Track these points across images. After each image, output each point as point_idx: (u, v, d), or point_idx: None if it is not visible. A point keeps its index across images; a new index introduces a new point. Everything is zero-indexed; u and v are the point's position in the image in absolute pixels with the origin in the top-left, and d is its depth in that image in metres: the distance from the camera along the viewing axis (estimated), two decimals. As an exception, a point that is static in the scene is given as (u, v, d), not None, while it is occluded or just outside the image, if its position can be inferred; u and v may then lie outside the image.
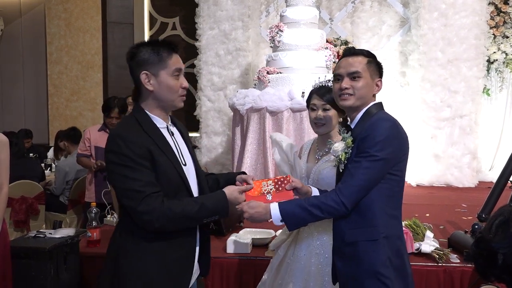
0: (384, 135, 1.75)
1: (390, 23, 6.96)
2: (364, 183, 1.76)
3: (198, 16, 6.99)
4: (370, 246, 1.78)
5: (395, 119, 1.83)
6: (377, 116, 1.83)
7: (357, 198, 1.77)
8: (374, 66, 1.91)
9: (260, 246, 3.33)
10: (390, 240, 1.78)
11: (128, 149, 1.67)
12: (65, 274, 2.87)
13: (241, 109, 4.92)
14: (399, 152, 1.80)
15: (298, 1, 5.23)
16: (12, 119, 8.80)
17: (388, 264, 1.77)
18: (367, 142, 1.76)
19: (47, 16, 8.53)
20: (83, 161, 4.26)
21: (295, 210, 1.81)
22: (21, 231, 4.49)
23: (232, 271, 3.07)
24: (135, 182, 1.66)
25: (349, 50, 1.96)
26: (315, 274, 2.20)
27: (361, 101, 1.86)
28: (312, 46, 5.08)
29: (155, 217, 1.65)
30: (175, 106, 1.82)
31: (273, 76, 4.93)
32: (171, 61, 1.77)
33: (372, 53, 1.95)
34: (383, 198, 1.79)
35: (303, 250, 2.26)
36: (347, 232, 1.83)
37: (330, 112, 2.30)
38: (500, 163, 6.09)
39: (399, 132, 1.80)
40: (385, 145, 1.74)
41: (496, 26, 6.66)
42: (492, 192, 3.59)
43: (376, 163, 1.74)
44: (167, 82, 1.76)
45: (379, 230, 1.77)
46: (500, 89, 6.88)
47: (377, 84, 1.92)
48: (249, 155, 4.76)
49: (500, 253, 1.18)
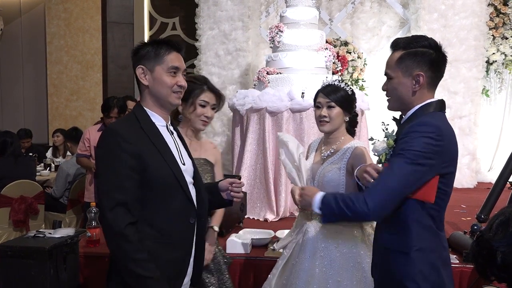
0: (422, 140, 1.62)
1: (390, 24, 6.97)
2: (393, 185, 1.63)
3: (198, 16, 6.99)
4: (401, 258, 1.69)
5: (439, 125, 1.67)
6: (422, 119, 1.69)
7: (385, 202, 1.64)
8: (408, 62, 1.73)
9: (260, 246, 3.34)
10: (423, 253, 1.68)
11: (115, 144, 1.65)
12: (65, 274, 2.87)
13: (241, 109, 4.92)
14: (439, 160, 1.65)
15: (298, 2, 5.23)
16: (11, 118, 8.79)
17: (417, 279, 1.67)
18: (402, 145, 1.65)
19: (47, 15, 8.53)
20: (83, 161, 4.27)
21: (332, 202, 1.71)
22: (20, 231, 4.49)
23: (231, 271, 3.07)
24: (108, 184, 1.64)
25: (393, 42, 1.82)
26: (318, 277, 2.19)
27: (398, 103, 1.77)
28: (312, 47, 5.08)
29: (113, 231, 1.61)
30: (170, 102, 1.78)
31: (273, 77, 4.93)
32: (168, 57, 1.75)
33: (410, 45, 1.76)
34: (419, 208, 1.67)
35: (308, 252, 2.25)
36: (381, 236, 1.79)
37: (334, 110, 2.30)
38: (499, 164, 6.10)
39: (441, 140, 1.64)
40: (419, 150, 1.62)
41: (496, 28, 6.67)
42: (491, 193, 3.60)
43: (408, 167, 1.62)
44: (161, 77, 1.74)
45: (412, 242, 1.68)
46: (499, 90, 6.90)
47: (416, 79, 1.73)
48: (249, 156, 4.76)
49: (499, 252, 1.19)
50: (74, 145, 5.06)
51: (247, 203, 4.27)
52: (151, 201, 1.69)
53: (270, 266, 3.06)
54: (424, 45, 1.75)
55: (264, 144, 4.66)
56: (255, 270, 3.08)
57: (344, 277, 2.15)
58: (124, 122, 1.80)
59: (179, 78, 1.78)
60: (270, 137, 4.66)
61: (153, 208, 1.69)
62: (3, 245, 2.90)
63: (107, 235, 1.66)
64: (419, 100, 1.74)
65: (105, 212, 1.63)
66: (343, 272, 2.16)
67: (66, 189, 4.95)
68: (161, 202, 1.70)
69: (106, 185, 1.65)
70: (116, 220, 1.61)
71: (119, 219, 1.61)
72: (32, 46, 8.77)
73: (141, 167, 1.66)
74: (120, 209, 1.62)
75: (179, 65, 1.78)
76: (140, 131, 1.71)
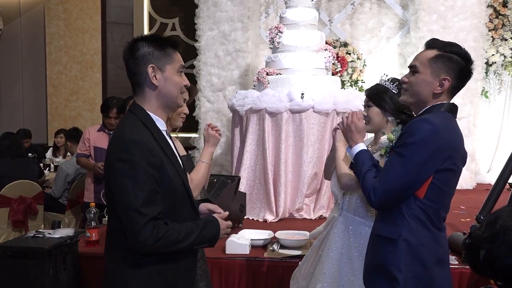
0: (420, 137, 1.65)
1: (389, 25, 6.97)
2: (394, 184, 1.68)
3: (198, 17, 6.98)
4: (387, 245, 1.75)
5: (439, 124, 1.68)
6: (426, 116, 1.73)
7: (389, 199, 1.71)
8: (440, 63, 1.74)
9: (259, 247, 3.34)
10: (410, 246, 1.71)
11: (142, 157, 1.53)
12: (64, 274, 2.87)
13: (240, 110, 4.92)
14: (436, 159, 1.67)
15: (297, 3, 5.23)
16: (10, 118, 8.78)
17: (402, 269, 1.71)
18: (402, 140, 1.70)
19: (47, 16, 8.52)
20: (83, 162, 4.26)
21: (361, 162, 1.82)
22: (19, 231, 4.49)
23: (231, 272, 3.08)
24: (138, 200, 1.53)
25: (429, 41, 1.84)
26: (334, 272, 2.22)
27: (415, 98, 1.78)
28: (311, 48, 5.08)
29: (155, 246, 1.54)
30: (178, 104, 1.73)
31: (272, 77, 4.93)
32: (176, 56, 1.70)
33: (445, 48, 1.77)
34: (411, 201, 1.71)
35: (329, 246, 2.28)
36: (375, 224, 1.87)
37: (372, 109, 2.22)
38: (499, 165, 6.11)
39: (438, 139, 1.66)
40: (418, 148, 1.65)
41: (495, 29, 6.68)
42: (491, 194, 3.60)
43: (406, 165, 1.67)
44: (173, 77, 1.67)
45: (400, 230, 1.72)
46: (498, 92, 6.90)
47: (441, 82, 1.74)
48: (248, 156, 4.76)
49: (482, 250, 1.24)
50: (74, 145, 5.06)
51: (246, 204, 4.27)
52: (165, 213, 1.61)
53: (270, 266, 3.08)
54: (459, 53, 1.76)
55: (263, 145, 4.66)
56: (254, 271, 3.08)
57: (358, 278, 2.13)
58: (136, 129, 1.61)
59: (184, 77, 1.74)
60: (270, 137, 4.65)
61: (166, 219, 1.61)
62: (3, 245, 2.91)
63: (159, 252, 1.58)
64: (435, 102, 1.76)
65: (135, 236, 1.53)
66: (358, 273, 2.14)
67: (65, 189, 4.95)
68: (172, 215, 1.64)
69: (135, 201, 1.53)
70: (153, 235, 1.53)
71: (154, 233, 1.53)
72: (32, 47, 8.76)
73: (161, 179, 1.60)
74: (153, 223, 1.54)
75: (183, 64, 1.75)
76: (152, 140, 1.61)
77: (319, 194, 4.66)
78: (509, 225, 1.22)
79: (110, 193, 1.63)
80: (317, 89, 4.68)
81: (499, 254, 1.20)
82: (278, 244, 3.33)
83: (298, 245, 3.27)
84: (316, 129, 4.60)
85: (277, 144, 4.62)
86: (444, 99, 1.77)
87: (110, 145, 1.66)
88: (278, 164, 4.58)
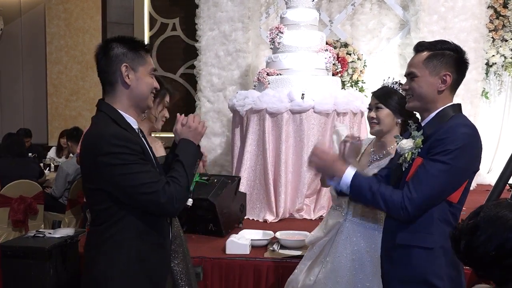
0: (462, 143, 1.62)
1: (390, 26, 6.97)
2: (434, 192, 1.63)
3: (198, 17, 6.98)
4: (424, 254, 1.67)
5: (474, 126, 1.69)
6: (455, 120, 1.69)
7: (425, 209, 1.65)
8: (435, 62, 1.74)
9: (259, 247, 3.34)
10: (446, 251, 1.65)
11: (125, 148, 1.60)
12: (64, 274, 2.87)
13: (241, 110, 4.93)
14: (475, 162, 1.68)
15: (298, 3, 5.24)
16: (11, 118, 8.78)
17: (442, 276, 1.67)
18: (441, 147, 1.63)
19: (47, 16, 8.53)
20: (83, 161, 4.26)
21: (364, 186, 1.69)
22: (20, 231, 4.50)
23: (231, 272, 3.08)
24: (148, 174, 1.62)
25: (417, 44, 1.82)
26: (348, 279, 2.17)
27: (421, 102, 1.74)
28: (312, 48, 5.08)
29: (176, 204, 1.65)
30: (148, 104, 1.79)
31: (273, 78, 4.93)
32: (148, 59, 1.77)
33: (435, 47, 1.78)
34: (446, 207, 1.69)
35: (339, 253, 2.22)
36: (399, 234, 1.72)
37: (382, 111, 2.19)
38: (499, 166, 6.11)
39: (477, 142, 1.67)
40: (461, 154, 1.62)
41: (495, 30, 6.68)
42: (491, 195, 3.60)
43: (449, 172, 1.62)
44: (145, 78, 1.73)
45: (436, 238, 1.67)
46: (498, 92, 6.90)
47: (443, 78, 1.73)
48: (249, 156, 4.76)
49: (463, 239, 1.29)
50: (75, 145, 5.07)
51: (246, 204, 4.27)
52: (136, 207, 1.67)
53: (270, 266, 3.08)
54: (450, 48, 1.78)
55: (264, 145, 4.67)
56: (254, 271, 3.08)
57: (374, 283, 2.10)
58: (110, 126, 1.66)
59: (155, 80, 1.80)
60: (270, 138, 4.66)
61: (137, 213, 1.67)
62: (3, 245, 2.91)
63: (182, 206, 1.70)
64: (442, 101, 1.75)
65: (159, 202, 1.61)
66: (373, 278, 2.12)
67: (65, 189, 4.95)
68: None
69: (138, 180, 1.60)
70: (171, 196, 1.62)
71: (169, 192, 1.62)
72: (32, 46, 8.77)
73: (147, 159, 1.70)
74: (165, 187, 1.62)
75: (154, 67, 1.81)
76: (128, 134, 1.67)
77: (319, 195, 4.67)
78: (491, 216, 1.26)
79: (98, 190, 1.66)
80: (318, 89, 4.68)
81: (478, 243, 1.24)
82: (278, 245, 3.33)
83: (298, 246, 3.27)
84: (316, 129, 4.60)
85: (277, 144, 4.63)
86: (448, 94, 1.77)
87: (88, 144, 1.70)
88: (279, 164, 4.58)
